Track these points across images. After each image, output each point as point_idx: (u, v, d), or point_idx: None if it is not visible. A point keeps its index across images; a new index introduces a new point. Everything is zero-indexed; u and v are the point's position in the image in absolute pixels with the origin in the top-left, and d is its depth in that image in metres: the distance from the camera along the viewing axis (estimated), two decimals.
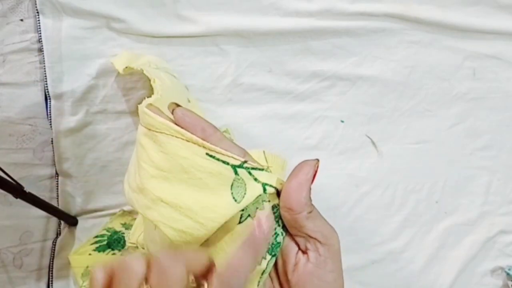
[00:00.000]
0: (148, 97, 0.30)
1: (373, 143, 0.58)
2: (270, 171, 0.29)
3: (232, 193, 0.27)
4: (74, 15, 0.48)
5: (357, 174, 0.58)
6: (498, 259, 0.61)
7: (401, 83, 0.57)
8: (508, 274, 0.60)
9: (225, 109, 0.53)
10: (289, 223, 0.29)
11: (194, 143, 0.27)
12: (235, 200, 0.27)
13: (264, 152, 0.42)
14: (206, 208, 0.27)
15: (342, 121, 0.57)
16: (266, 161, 0.42)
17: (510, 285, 0.60)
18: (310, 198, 0.28)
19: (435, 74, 0.57)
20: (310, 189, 0.28)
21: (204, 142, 0.27)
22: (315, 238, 0.28)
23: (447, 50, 0.57)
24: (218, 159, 0.27)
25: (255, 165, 0.28)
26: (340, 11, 0.52)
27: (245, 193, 0.27)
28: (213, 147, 0.27)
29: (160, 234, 0.29)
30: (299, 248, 0.29)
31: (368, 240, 0.58)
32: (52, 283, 0.51)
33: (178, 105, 0.31)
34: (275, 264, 0.29)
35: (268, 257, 0.28)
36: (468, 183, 0.60)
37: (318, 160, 0.29)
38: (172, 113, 0.29)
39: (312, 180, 0.28)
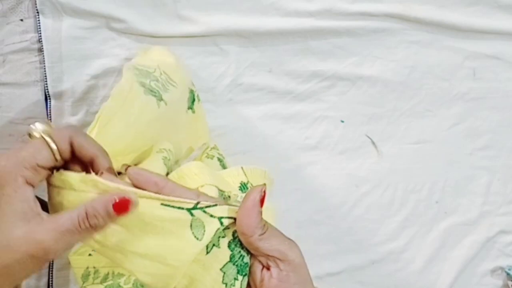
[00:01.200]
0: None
1: (373, 143, 0.58)
2: (225, 204, 0.32)
3: (193, 233, 0.30)
4: (74, 15, 0.48)
5: (357, 174, 0.58)
6: (498, 259, 0.61)
7: (401, 83, 0.57)
8: (508, 274, 0.60)
9: (225, 109, 0.54)
10: (247, 246, 0.31)
11: (148, 198, 0.30)
12: (197, 239, 0.30)
13: (242, 168, 0.46)
14: (173, 252, 0.30)
15: (342, 121, 0.57)
16: (246, 175, 0.45)
17: (510, 285, 0.60)
18: (261, 221, 0.31)
19: (435, 74, 0.57)
20: (261, 212, 0.31)
21: (157, 195, 0.30)
22: (273, 256, 0.31)
23: (447, 50, 0.57)
24: (173, 207, 0.30)
25: (207, 203, 0.31)
26: (340, 11, 0.52)
27: (204, 230, 0.30)
28: (166, 197, 0.30)
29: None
30: (263, 266, 0.32)
31: (368, 240, 0.58)
32: (52, 283, 0.51)
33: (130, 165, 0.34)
34: (248, 283, 0.32)
35: (240, 277, 0.31)
36: (468, 183, 0.60)
37: (265, 184, 0.32)
38: (125, 172, 0.32)
39: (261, 204, 0.31)
